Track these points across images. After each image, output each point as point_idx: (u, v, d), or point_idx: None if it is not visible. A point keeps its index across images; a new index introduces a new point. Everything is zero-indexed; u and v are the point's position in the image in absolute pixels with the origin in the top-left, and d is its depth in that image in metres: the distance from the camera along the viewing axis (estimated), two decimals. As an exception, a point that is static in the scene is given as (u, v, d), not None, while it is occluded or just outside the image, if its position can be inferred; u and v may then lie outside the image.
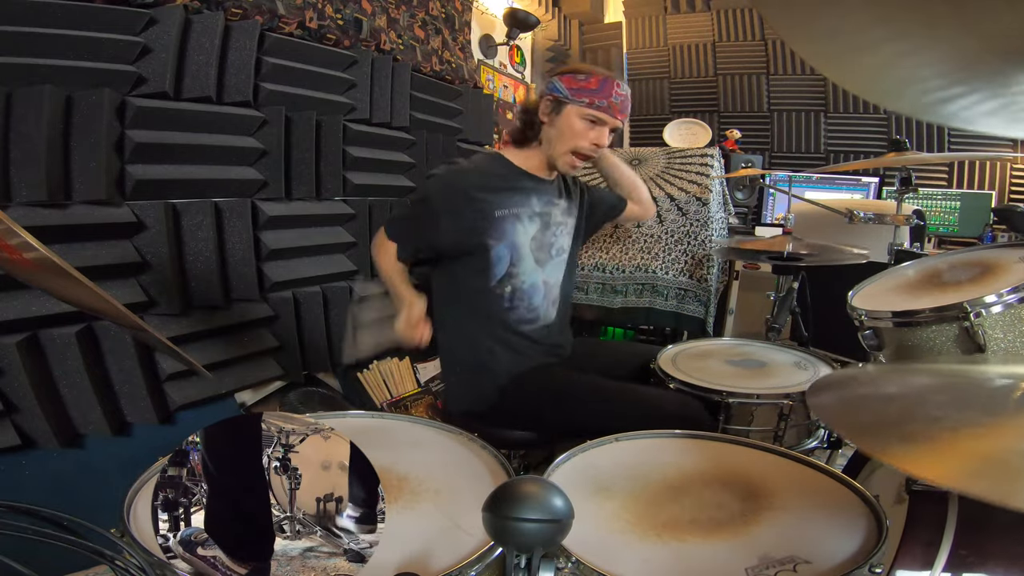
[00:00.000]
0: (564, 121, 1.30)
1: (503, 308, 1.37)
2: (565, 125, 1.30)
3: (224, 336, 1.72)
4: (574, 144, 1.31)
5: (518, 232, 1.36)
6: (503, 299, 1.36)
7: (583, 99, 1.28)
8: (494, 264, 1.33)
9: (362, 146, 2.14)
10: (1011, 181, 3.35)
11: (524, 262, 1.37)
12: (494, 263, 1.33)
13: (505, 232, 1.33)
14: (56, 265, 0.54)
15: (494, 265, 1.33)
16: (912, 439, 0.51)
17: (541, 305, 1.42)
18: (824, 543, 0.69)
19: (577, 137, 1.30)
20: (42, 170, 1.30)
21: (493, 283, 1.35)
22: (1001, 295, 1.00)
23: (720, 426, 1.26)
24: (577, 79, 1.29)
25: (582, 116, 1.29)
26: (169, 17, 1.51)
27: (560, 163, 1.35)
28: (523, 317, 1.39)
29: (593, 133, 1.30)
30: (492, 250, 1.32)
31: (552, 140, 1.33)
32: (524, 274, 1.38)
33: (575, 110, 1.29)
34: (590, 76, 1.29)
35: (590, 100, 1.27)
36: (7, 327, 1.28)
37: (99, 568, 1.24)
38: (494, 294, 1.35)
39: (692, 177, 2.50)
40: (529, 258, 1.38)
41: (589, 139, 1.30)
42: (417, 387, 2.23)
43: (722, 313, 2.75)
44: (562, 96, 1.30)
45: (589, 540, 0.70)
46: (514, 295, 1.37)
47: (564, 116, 1.30)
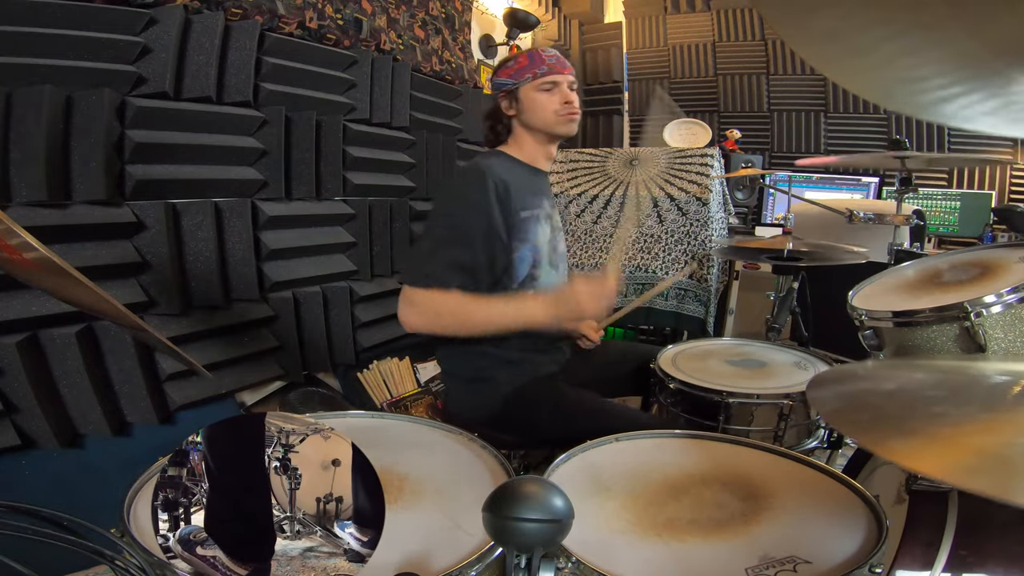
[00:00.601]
0: (526, 102, 1.35)
1: None
2: (530, 103, 1.35)
3: (224, 336, 1.72)
4: (551, 109, 1.34)
5: (538, 234, 1.35)
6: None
7: (526, 77, 1.34)
8: (516, 266, 1.31)
9: (362, 146, 2.14)
10: (1011, 181, 3.35)
11: (543, 265, 1.37)
12: (516, 265, 1.31)
13: (528, 233, 1.32)
14: (56, 265, 0.54)
15: (516, 267, 1.31)
16: (912, 435, 0.51)
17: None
18: (824, 543, 0.69)
19: (547, 104, 1.34)
20: (42, 170, 1.30)
21: (514, 286, 1.32)
22: (1001, 295, 1.00)
23: (720, 426, 1.26)
24: (509, 67, 1.37)
25: (537, 88, 1.34)
26: (169, 17, 1.51)
27: (559, 127, 1.36)
28: None
29: (556, 96, 1.34)
30: (516, 252, 1.30)
31: (531, 121, 1.36)
32: (543, 277, 1.37)
33: (527, 89, 1.34)
34: (517, 58, 1.37)
35: (532, 74, 1.34)
36: (7, 327, 1.28)
37: (99, 568, 1.24)
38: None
39: (692, 177, 2.50)
40: (546, 260, 1.38)
41: (557, 102, 1.34)
42: (417, 387, 2.23)
43: (722, 313, 2.75)
44: (509, 86, 1.36)
45: (589, 540, 0.70)
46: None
47: (523, 99, 1.35)
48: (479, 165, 1.30)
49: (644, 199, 2.33)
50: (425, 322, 1.19)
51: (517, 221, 1.30)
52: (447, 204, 1.32)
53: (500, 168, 1.31)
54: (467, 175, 1.33)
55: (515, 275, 1.32)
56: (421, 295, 1.18)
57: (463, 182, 1.32)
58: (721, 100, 4.09)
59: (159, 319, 1.55)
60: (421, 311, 1.19)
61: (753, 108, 4.00)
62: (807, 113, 3.85)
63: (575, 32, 4.21)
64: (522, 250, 1.31)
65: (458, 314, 1.19)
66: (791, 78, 3.87)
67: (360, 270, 2.14)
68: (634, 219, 1.70)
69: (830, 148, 3.81)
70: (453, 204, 1.29)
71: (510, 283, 1.32)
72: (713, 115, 4.11)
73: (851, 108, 3.72)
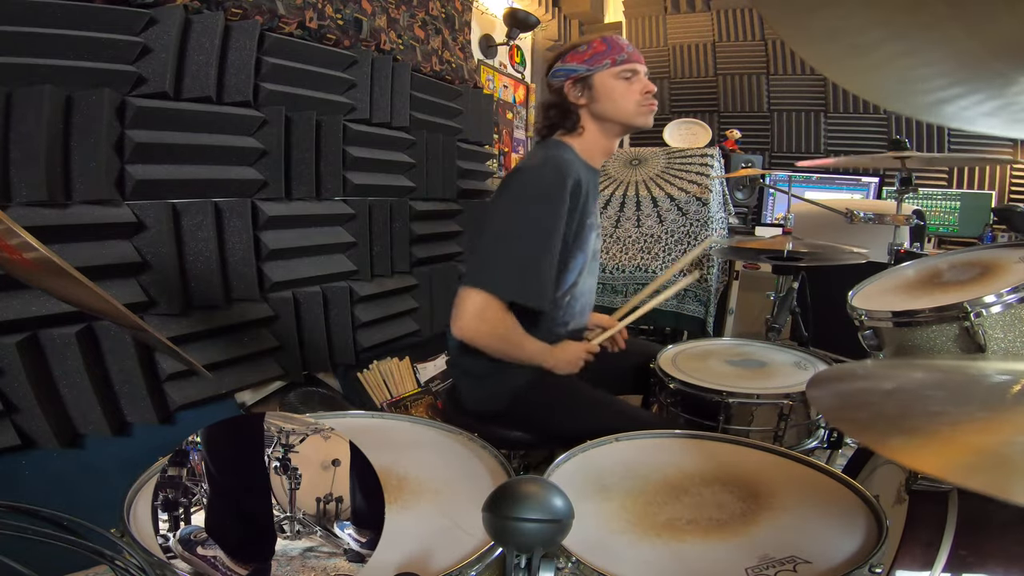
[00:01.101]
0: (603, 90, 1.25)
1: (556, 316, 1.30)
2: (608, 91, 1.25)
3: (224, 336, 1.72)
4: (632, 99, 1.25)
5: (592, 241, 1.31)
6: (559, 308, 1.30)
7: (605, 62, 1.24)
8: (568, 274, 1.26)
9: (362, 146, 2.14)
10: (1011, 181, 3.35)
11: (586, 270, 1.33)
12: (568, 273, 1.26)
13: (586, 242, 1.27)
14: (56, 265, 0.54)
15: (567, 275, 1.26)
16: (911, 433, 0.51)
17: (584, 311, 1.39)
18: (824, 543, 0.69)
19: (628, 93, 1.25)
20: (42, 170, 1.30)
21: (560, 293, 1.27)
22: (1001, 295, 1.01)
23: (720, 426, 1.26)
24: (580, 52, 1.26)
25: (616, 76, 1.25)
26: (169, 17, 1.51)
27: (638, 118, 1.27)
28: (566, 322, 1.34)
29: (636, 85, 1.26)
30: (573, 259, 1.25)
31: (608, 110, 1.26)
32: (583, 283, 1.33)
33: (605, 76, 1.25)
34: (590, 43, 1.26)
35: (611, 59, 1.24)
36: (7, 327, 1.28)
37: (99, 568, 1.24)
38: (554, 303, 1.28)
39: (692, 177, 2.51)
40: (590, 265, 1.34)
41: (637, 91, 1.26)
42: (417, 387, 2.23)
43: (722, 313, 2.76)
44: (583, 72, 1.26)
45: (589, 540, 0.71)
46: (571, 302, 1.33)
47: (599, 87, 1.25)
48: (559, 159, 1.20)
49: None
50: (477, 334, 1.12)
51: (583, 229, 1.24)
52: (526, 202, 1.15)
53: (578, 166, 1.22)
54: (547, 168, 1.18)
55: (564, 281, 1.27)
56: (485, 301, 1.10)
57: (542, 177, 1.16)
58: (721, 100, 4.09)
59: (159, 319, 1.55)
60: (484, 318, 1.11)
61: (753, 108, 4.00)
62: (807, 113, 3.86)
63: (575, 32, 4.21)
64: (578, 258, 1.27)
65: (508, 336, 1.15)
66: (791, 78, 3.87)
67: (360, 270, 2.14)
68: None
69: (830, 148, 3.81)
70: (534, 203, 1.14)
71: (557, 291, 1.26)
72: (713, 115, 4.11)
73: (851, 108, 3.73)
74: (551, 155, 1.23)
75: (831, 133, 3.81)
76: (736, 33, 3.98)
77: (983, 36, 0.44)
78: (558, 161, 1.20)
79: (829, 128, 3.82)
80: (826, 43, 0.51)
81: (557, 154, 1.23)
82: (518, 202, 1.17)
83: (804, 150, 3.88)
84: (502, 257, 1.13)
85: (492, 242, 1.15)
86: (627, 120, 1.27)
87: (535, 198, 1.15)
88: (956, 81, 0.52)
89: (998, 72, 0.49)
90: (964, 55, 0.47)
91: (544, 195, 1.14)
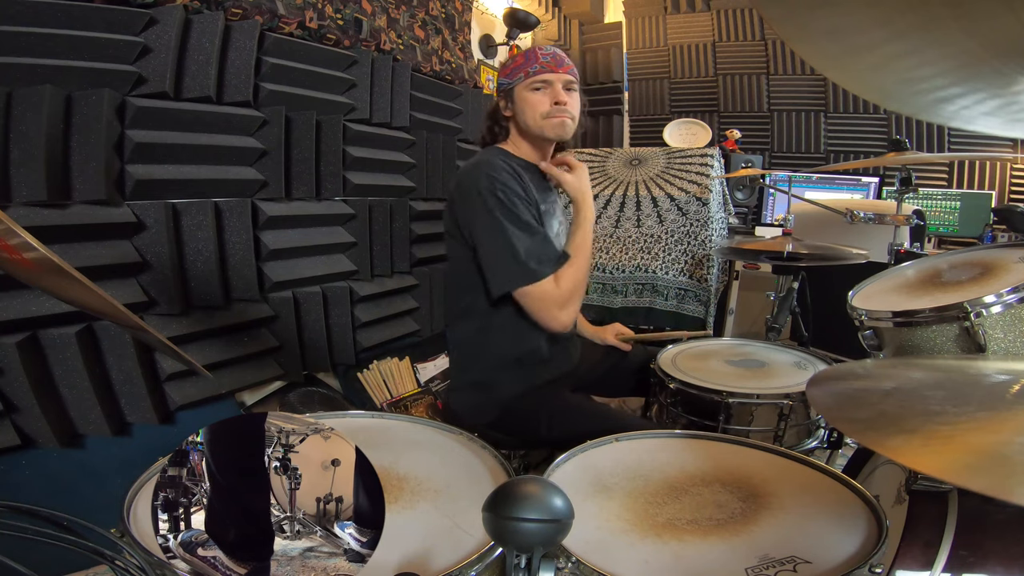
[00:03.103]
0: (519, 103, 1.34)
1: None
2: (522, 103, 1.33)
3: (224, 336, 1.72)
4: (539, 111, 1.32)
5: (555, 229, 1.36)
6: None
7: (519, 76, 1.33)
8: None
9: (362, 146, 2.14)
10: (1011, 181, 3.35)
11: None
12: None
13: (549, 226, 1.32)
14: (56, 265, 0.54)
15: None
16: (911, 433, 0.51)
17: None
18: (824, 543, 0.69)
19: (537, 105, 1.32)
20: (42, 170, 1.30)
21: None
22: (1001, 295, 1.00)
23: (720, 426, 1.26)
24: (507, 67, 1.38)
25: (529, 87, 1.32)
26: (169, 17, 1.51)
27: (547, 130, 1.32)
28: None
29: (547, 95, 1.32)
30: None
31: (523, 122, 1.35)
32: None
33: (520, 88, 1.33)
34: (515, 57, 1.37)
35: (524, 72, 1.32)
36: (7, 327, 1.28)
37: (99, 568, 1.25)
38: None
39: (692, 177, 2.51)
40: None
41: (547, 102, 1.32)
42: (417, 387, 2.23)
43: (722, 313, 2.75)
44: (505, 85, 1.36)
45: (589, 540, 0.71)
46: None
47: (517, 99, 1.34)
48: (488, 157, 1.28)
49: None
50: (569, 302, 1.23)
51: (540, 213, 1.30)
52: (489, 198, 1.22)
53: (507, 159, 1.31)
54: (481, 168, 1.25)
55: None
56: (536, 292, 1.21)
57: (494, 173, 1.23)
58: (721, 100, 4.09)
59: (159, 319, 1.55)
60: (557, 304, 1.22)
61: (753, 108, 4.00)
62: (807, 113, 3.85)
63: (575, 32, 4.21)
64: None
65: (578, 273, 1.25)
66: (791, 78, 3.87)
67: (360, 270, 2.14)
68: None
69: (830, 148, 3.81)
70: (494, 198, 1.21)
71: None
72: (713, 115, 4.11)
73: (851, 108, 3.72)
74: (480, 160, 1.31)
75: (831, 133, 3.81)
76: (736, 33, 3.98)
77: (983, 36, 0.44)
78: (485, 160, 1.29)
79: (829, 128, 3.81)
80: (826, 43, 0.51)
81: (491, 158, 1.30)
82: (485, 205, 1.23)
83: (804, 150, 3.88)
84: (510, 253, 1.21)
85: (493, 248, 1.24)
86: (536, 131, 1.33)
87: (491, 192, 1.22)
88: (956, 81, 0.52)
89: (998, 72, 0.49)
90: (964, 55, 0.47)
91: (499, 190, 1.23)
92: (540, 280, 1.20)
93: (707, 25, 4.05)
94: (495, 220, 1.21)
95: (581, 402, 1.36)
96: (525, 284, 1.20)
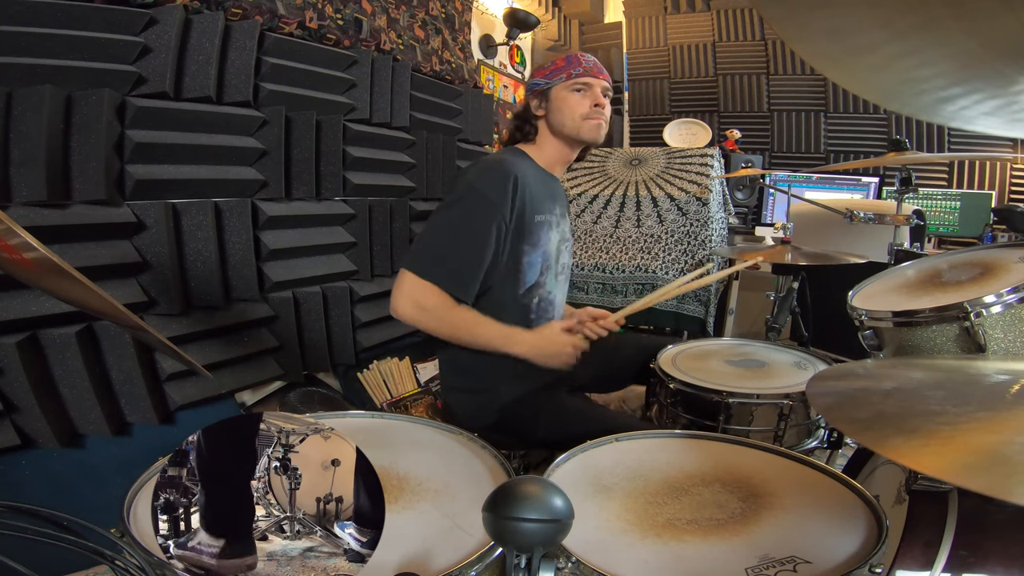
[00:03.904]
0: (557, 102, 1.34)
1: (528, 320, 1.33)
2: (560, 103, 1.34)
3: (224, 336, 1.72)
4: (579, 111, 1.33)
5: (550, 240, 1.34)
6: (530, 310, 1.33)
7: (560, 76, 1.34)
8: (525, 271, 1.30)
9: (362, 146, 2.14)
10: (1011, 181, 3.35)
11: (550, 273, 1.36)
12: (525, 270, 1.30)
13: (540, 239, 1.31)
14: (56, 265, 0.54)
15: (525, 271, 1.30)
16: (911, 433, 0.51)
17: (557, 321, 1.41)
18: (824, 543, 0.69)
19: (576, 106, 1.33)
20: (42, 170, 1.30)
21: (521, 291, 1.31)
22: (1001, 295, 1.01)
23: (720, 426, 1.26)
24: (545, 68, 1.38)
25: (569, 88, 1.33)
26: (169, 17, 1.51)
27: (584, 131, 1.33)
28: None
29: (587, 98, 1.33)
30: (527, 256, 1.29)
31: (558, 122, 1.35)
32: (549, 285, 1.36)
33: (560, 88, 1.34)
34: (554, 61, 1.37)
35: (567, 74, 1.33)
36: (7, 327, 1.28)
37: (99, 568, 1.24)
38: (520, 304, 1.32)
39: (692, 177, 2.51)
40: (554, 269, 1.37)
41: (587, 104, 1.33)
42: (417, 387, 2.23)
43: (722, 313, 2.75)
44: (542, 85, 1.36)
45: (589, 540, 0.71)
46: (539, 306, 1.35)
47: (555, 99, 1.34)
48: (506, 162, 1.28)
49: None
50: (412, 314, 1.19)
51: (531, 225, 1.28)
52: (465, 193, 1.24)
53: (524, 167, 1.30)
54: (492, 169, 1.27)
55: (523, 280, 1.31)
56: (413, 283, 1.18)
57: (486, 175, 1.25)
58: (721, 100, 4.09)
59: (159, 319, 1.55)
60: (411, 301, 1.18)
61: (753, 108, 4.00)
62: (807, 113, 3.86)
63: (575, 32, 4.21)
64: (533, 255, 1.30)
65: (446, 318, 1.20)
66: (791, 78, 3.87)
67: (360, 270, 2.14)
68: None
69: (830, 148, 3.81)
70: (470, 195, 1.23)
71: (517, 288, 1.31)
72: (713, 115, 4.11)
73: (851, 108, 3.73)
74: (494, 157, 1.32)
75: (831, 133, 3.81)
76: (736, 33, 3.98)
77: (983, 36, 0.44)
78: (497, 163, 1.28)
79: (829, 128, 3.82)
80: (826, 43, 0.51)
81: (503, 157, 1.31)
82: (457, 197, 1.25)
83: (804, 150, 3.89)
84: (433, 243, 1.23)
85: (427, 230, 1.26)
86: (574, 132, 1.34)
87: (467, 188, 1.24)
88: (956, 81, 0.52)
89: (998, 72, 0.49)
90: (964, 55, 0.47)
91: (475, 188, 1.23)
92: (431, 282, 1.18)
93: (707, 25, 4.05)
94: (451, 213, 1.23)
95: (579, 404, 1.36)
96: (419, 273, 1.18)
